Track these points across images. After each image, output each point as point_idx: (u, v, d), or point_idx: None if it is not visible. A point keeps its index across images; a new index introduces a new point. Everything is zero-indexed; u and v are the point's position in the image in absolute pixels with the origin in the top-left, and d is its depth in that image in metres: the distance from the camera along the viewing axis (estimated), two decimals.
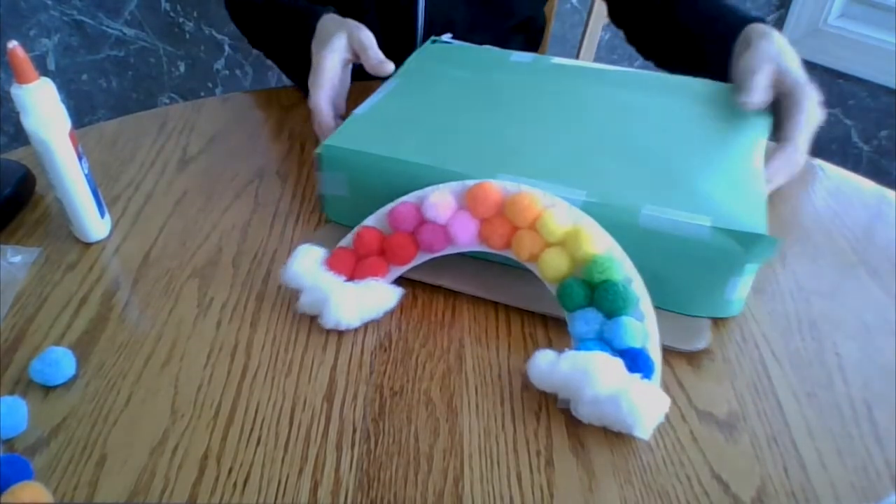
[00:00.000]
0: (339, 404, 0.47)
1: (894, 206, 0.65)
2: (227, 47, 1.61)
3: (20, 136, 1.54)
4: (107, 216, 0.61)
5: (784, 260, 0.59)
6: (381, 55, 0.66)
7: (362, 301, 0.51)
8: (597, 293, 0.48)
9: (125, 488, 0.42)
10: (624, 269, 0.48)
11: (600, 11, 1.11)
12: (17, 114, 0.53)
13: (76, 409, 0.47)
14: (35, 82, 0.52)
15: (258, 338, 0.52)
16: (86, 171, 0.57)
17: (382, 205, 0.54)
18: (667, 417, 0.46)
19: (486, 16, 0.86)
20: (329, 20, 0.70)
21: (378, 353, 0.51)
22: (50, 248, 0.60)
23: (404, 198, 0.53)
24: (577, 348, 0.47)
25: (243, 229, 0.62)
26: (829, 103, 0.63)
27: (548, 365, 0.46)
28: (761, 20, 0.67)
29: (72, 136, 0.55)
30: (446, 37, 0.75)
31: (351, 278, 0.53)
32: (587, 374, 0.43)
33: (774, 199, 0.66)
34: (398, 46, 0.75)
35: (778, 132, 0.59)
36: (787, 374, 0.49)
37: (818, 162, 0.72)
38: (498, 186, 0.51)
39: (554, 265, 0.49)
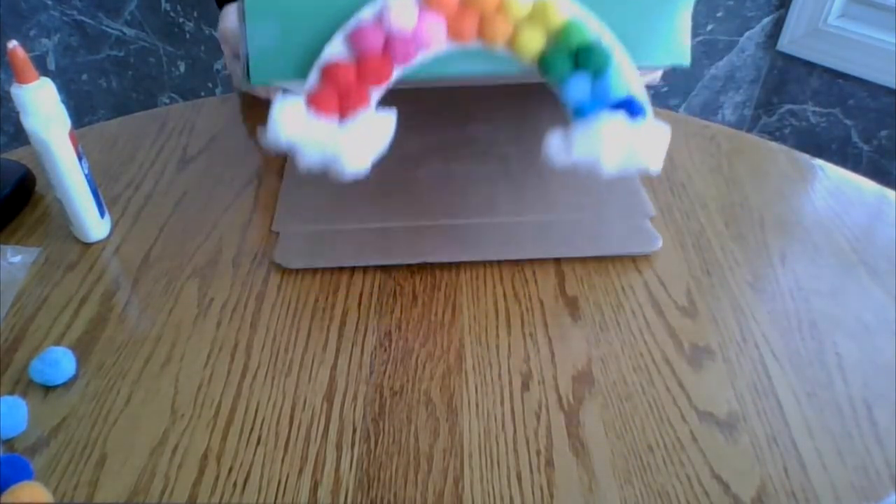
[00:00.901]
0: (339, 404, 0.47)
1: (894, 206, 0.65)
2: None
3: (20, 136, 1.54)
4: (107, 216, 0.61)
5: (784, 260, 0.59)
6: None
7: (368, 139, 0.50)
8: (580, 56, 0.51)
9: (125, 488, 0.42)
10: (593, 28, 0.52)
11: None
12: (17, 114, 0.53)
13: (76, 409, 0.47)
14: (35, 82, 0.52)
15: (258, 338, 0.52)
16: (86, 171, 0.57)
17: (319, 43, 0.51)
18: (667, 417, 0.46)
19: None
20: None
21: (378, 353, 0.51)
22: (50, 248, 0.60)
23: (359, 18, 0.51)
24: (576, 113, 0.51)
25: (243, 229, 0.62)
26: (829, 103, 0.64)
27: (563, 140, 0.50)
28: None
29: (72, 136, 0.55)
30: None
31: (341, 116, 0.51)
32: (602, 139, 0.49)
33: (774, 198, 0.66)
34: None
35: None
36: (787, 374, 0.49)
37: (818, 162, 0.72)
38: None
39: (530, 41, 0.51)
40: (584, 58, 0.51)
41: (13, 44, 0.51)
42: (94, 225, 0.60)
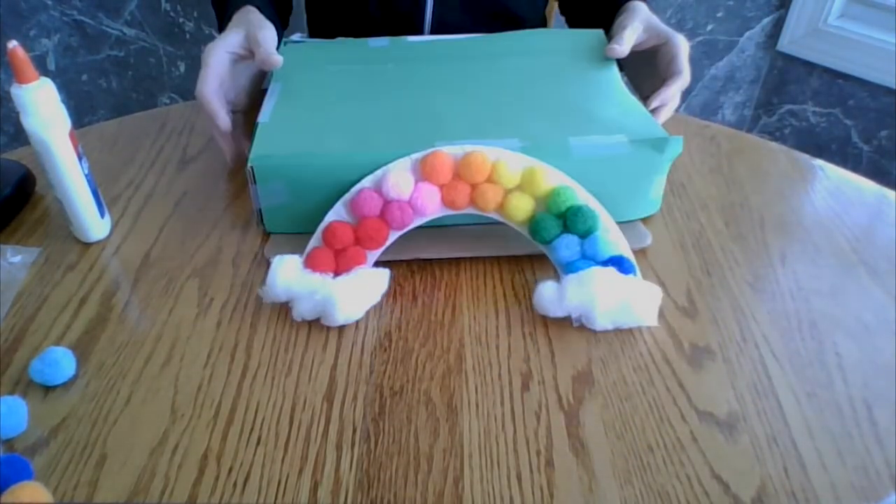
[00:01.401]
0: (339, 404, 0.47)
1: (894, 206, 0.65)
2: None
3: (20, 136, 1.54)
4: (107, 216, 0.61)
5: (784, 260, 0.59)
6: (271, 49, 0.65)
7: (361, 291, 0.52)
8: (568, 220, 0.54)
9: (125, 488, 0.42)
10: (580, 194, 0.55)
11: None
12: (17, 114, 0.53)
13: (76, 409, 0.47)
14: (35, 82, 0.52)
15: (258, 338, 0.52)
16: (86, 171, 0.57)
17: (324, 203, 0.55)
18: (667, 417, 0.46)
19: (490, 21, 0.87)
20: (240, 14, 0.68)
21: (378, 353, 0.51)
22: (50, 248, 0.60)
23: (360, 185, 0.55)
24: (567, 272, 0.53)
25: (243, 229, 0.62)
26: (829, 103, 0.64)
27: (555, 293, 0.52)
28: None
29: (72, 136, 0.55)
30: (296, 36, 0.74)
31: (336, 274, 0.53)
32: (594, 288, 0.51)
33: (774, 198, 0.66)
34: None
35: (667, 69, 0.68)
36: (787, 374, 0.49)
37: (818, 162, 0.72)
38: (448, 152, 0.55)
39: (520, 207, 0.55)
40: (573, 220, 0.54)
41: (13, 44, 0.51)
42: (94, 225, 0.60)
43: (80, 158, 0.56)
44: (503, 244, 0.59)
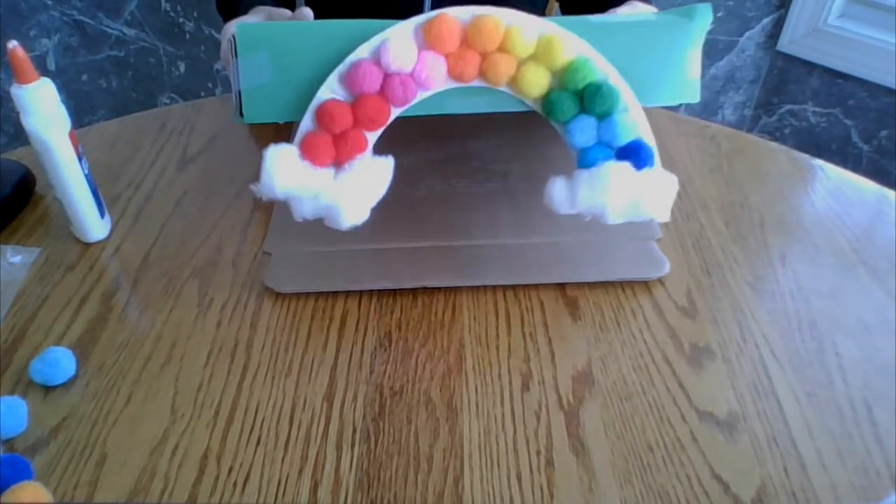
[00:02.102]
0: (339, 404, 0.47)
1: (894, 206, 0.65)
2: None
3: (20, 136, 1.54)
4: (107, 216, 0.61)
5: (784, 260, 0.59)
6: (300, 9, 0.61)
7: (366, 189, 0.48)
8: (586, 98, 0.49)
9: (125, 488, 0.42)
10: (600, 67, 0.49)
11: None
12: (17, 114, 0.53)
13: (76, 409, 0.47)
14: (35, 82, 0.52)
15: (258, 338, 0.52)
16: (86, 171, 0.57)
17: (313, 83, 0.49)
18: (667, 417, 0.46)
19: None
20: (256, 9, 0.66)
21: (378, 353, 0.51)
22: (50, 248, 0.60)
23: (356, 55, 0.49)
24: (581, 158, 0.49)
25: (243, 229, 0.62)
26: (829, 103, 0.64)
27: (566, 191, 0.49)
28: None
29: (72, 136, 0.55)
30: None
31: (337, 163, 0.49)
32: (607, 188, 0.47)
33: (774, 198, 0.66)
34: None
35: None
36: (787, 374, 0.49)
37: (818, 162, 0.72)
38: (455, 15, 0.48)
39: (534, 80, 0.49)
40: (591, 99, 0.49)
41: (13, 44, 0.51)
42: (94, 225, 0.60)
43: (80, 158, 0.56)
44: (508, 273, 0.56)
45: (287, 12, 0.63)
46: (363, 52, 0.48)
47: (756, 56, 1.50)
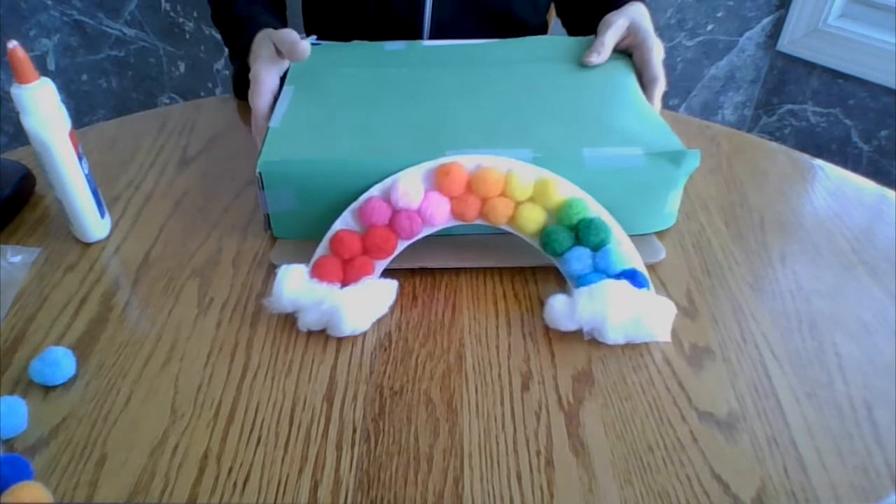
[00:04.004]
0: (339, 404, 0.47)
1: (894, 206, 0.65)
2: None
3: (20, 136, 1.54)
4: (107, 216, 0.61)
5: (784, 260, 0.59)
6: (296, 39, 0.65)
7: (368, 302, 0.52)
8: (580, 232, 0.53)
9: (125, 488, 0.42)
10: (592, 206, 0.54)
11: None
12: (17, 114, 0.53)
13: (76, 409, 0.47)
14: (35, 82, 0.52)
15: (258, 338, 0.52)
16: (86, 171, 0.57)
17: (333, 210, 0.55)
18: (667, 417, 0.46)
19: (491, 24, 0.87)
20: (260, 35, 0.69)
21: (378, 353, 0.51)
22: (50, 248, 0.60)
23: (369, 193, 0.54)
24: (578, 285, 0.51)
25: (243, 229, 0.62)
26: (829, 103, 0.64)
27: (566, 306, 0.51)
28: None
29: (72, 136, 0.55)
30: (311, 39, 0.75)
31: (344, 284, 0.53)
32: (607, 302, 0.49)
33: (774, 198, 0.66)
34: None
35: (642, 75, 0.68)
36: (787, 374, 0.49)
37: (818, 162, 0.72)
38: (464, 165, 0.54)
39: (531, 219, 0.54)
40: (585, 231, 0.52)
41: (13, 44, 0.51)
42: (94, 225, 0.60)
43: (80, 158, 0.56)
44: (510, 255, 0.57)
45: (286, 35, 0.65)
46: (375, 190, 0.54)
47: (756, 56, 1.50)
